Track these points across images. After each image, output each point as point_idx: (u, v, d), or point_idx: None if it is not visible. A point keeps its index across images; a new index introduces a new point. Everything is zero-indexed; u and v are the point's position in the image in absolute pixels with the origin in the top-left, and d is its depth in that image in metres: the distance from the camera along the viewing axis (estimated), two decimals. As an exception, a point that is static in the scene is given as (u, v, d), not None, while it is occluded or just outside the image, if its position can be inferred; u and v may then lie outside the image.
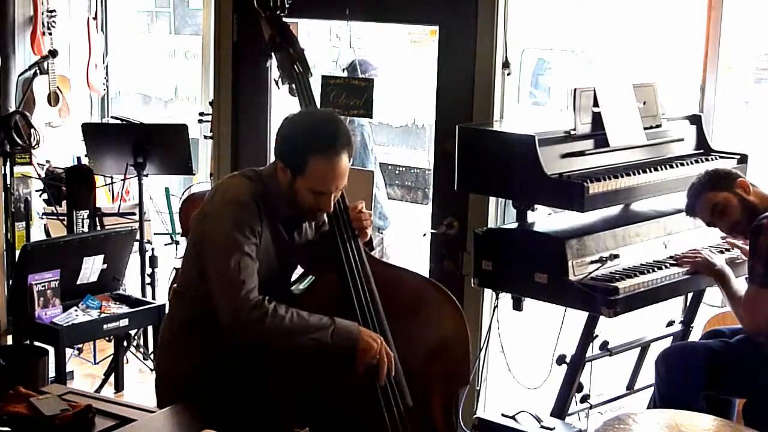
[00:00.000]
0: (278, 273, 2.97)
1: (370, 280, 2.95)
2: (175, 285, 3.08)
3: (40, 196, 5.81)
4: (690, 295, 4.08)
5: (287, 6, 3.12)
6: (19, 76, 6.48)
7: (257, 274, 2.79)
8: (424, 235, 4.55)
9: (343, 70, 5.28)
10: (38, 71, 6.47)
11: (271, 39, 3.10)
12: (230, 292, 2.73)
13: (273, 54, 3.10)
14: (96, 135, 5.53)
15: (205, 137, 5.71)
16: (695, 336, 4.12)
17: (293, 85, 3.07)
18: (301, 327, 2.77)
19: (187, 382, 2.90)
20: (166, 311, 3.16)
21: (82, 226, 5.26)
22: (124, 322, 4.82)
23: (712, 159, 3.99)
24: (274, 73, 3.13)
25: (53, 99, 6.50)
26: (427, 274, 4.39)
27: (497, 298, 3.83)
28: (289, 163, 2.81)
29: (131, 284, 5.48)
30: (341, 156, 2.80)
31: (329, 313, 2.85)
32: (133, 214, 5.59)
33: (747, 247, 3.57)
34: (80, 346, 5.50)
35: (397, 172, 8.03)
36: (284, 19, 3.16)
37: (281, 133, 2.87)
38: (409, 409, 2.94)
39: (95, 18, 6.75)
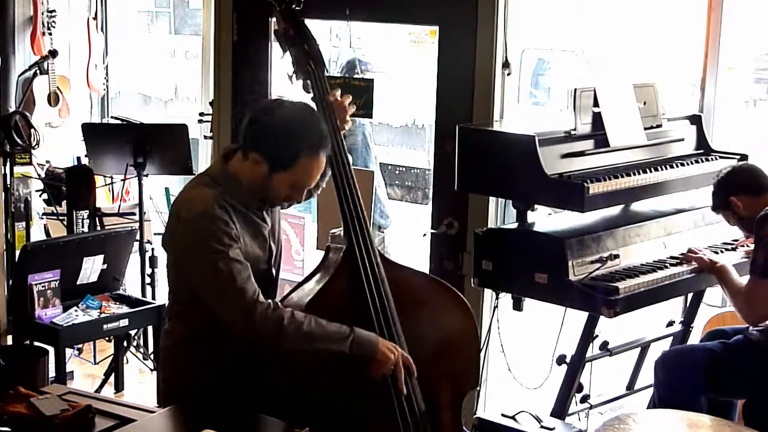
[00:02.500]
0: (269, 267, 2.93)
1: (382, 275, 2.91)
2: (168, 302, 3.05)
3: (40, 196, 5.81)
4: (690, 295, 4.07)
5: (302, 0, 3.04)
6: (19, 76, 6.48)
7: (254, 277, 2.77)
8: (424, 235, 4.55)
9: (339, 71, 5.28)
10: (38, 71, 6.47)
11: (285, 34, 3.02)
12: (234, 303, 2.70)
13: (288, 49, 3.03)
14: (96, 135, 5.53)
15: (205, 137, 5.71)
16: (695, 336, 4.12)
17: (308, 82, 3.00)
18: (319, 334, 2.73)
19: (193, 392, 2.86)
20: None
21: (82, 226, 5.26)
22: (124, 322, 4.81)
23: (712, 159, 3.99)
24: (288, 69, 3.07)
25: (53, 99, 6.50)
26: (427, 275, 4.41)
27: (497, 298, 3.83)
28: (273, 158, 2.74)
29: (131, 284, 5.47)
30: (326, 153, 2.80)
31: (342, 311, 2.83)
32: (133, 214, 5.59)
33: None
34: (80, 346, 5.50)
35: (397, 172, 8.03)
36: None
37: (266, 126, 2.77)
38: (422, 412, 2.92)
39: (95, 18, 6.74)
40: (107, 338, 5.30)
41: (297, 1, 3.03)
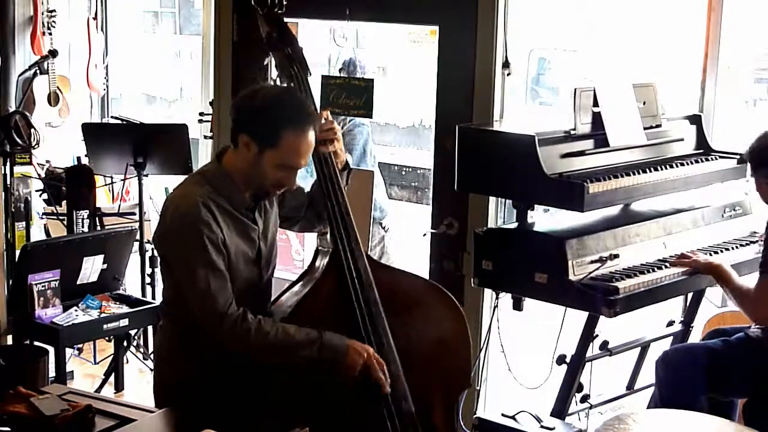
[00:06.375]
0: (258, 269, 2.93)
1: (369, 277, 2.90)
2: (162, 298, 3.05)
3: (40, 196, 5.81)
4: (690, 295, 4.07)
5: (285, 3, 3.06)
6: (19, 76, 6.49)
7: (238, 281, 2.78)
8: (424, 235, 4.55)
9: (340, 70, 5.28)
10: (38, 71, 6.48)
11: (268, 37, 3.04)
12: (205, 309, 2.73)
13: (271, 53, 3.06)
14: (96, 135, 5.54)
15: (205, 137, 5.71)
16: (695, 336, 4.12)
17: (291, 85, 3.04)
18: (287, 343, 2.74)
19: (187, 390, 2.87)
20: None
21: (82, 226, 5.26)
22: (124, 322, 4.81)
23: (712, 159, 3.99)
24: (273, 72, 3.09)
25: (53, 99, 6.51)
26: (427, 274, 4.40)
27: (497, 298, 3.83)
28: (259, 136, 2.75)
29: (131, 284, 5.48)
30: (312, 130, 2.79)
31: (328, 315, 2.83)
32: (133, 214, 5.59)
33: None
34: (80, 346, 5.50)
35: (403, 172, 8.03)
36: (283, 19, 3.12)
37: (248, 105, 2.80)
38: (411, 413, 2.92)
39: (95, 18, 6.76)
40: (107, 338, 5.30)
41: (280, 5, 3.04)
